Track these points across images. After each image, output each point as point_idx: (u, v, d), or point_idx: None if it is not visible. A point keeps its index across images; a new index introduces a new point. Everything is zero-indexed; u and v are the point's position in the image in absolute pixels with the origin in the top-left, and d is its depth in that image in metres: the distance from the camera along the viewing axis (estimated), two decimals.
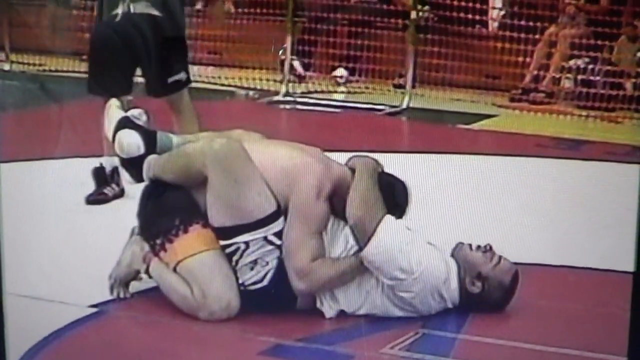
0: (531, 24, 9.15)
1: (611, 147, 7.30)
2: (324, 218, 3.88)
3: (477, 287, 3.92)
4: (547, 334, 3.81)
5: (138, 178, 4.10)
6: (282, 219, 3.86)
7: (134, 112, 4.22)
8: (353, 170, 3.97)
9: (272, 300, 3.88)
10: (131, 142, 4.10)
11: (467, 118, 8.42)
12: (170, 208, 3.97)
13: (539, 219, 4.01)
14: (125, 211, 4.77)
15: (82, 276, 4.18)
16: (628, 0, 9.13)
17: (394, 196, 3.97)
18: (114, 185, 5.37)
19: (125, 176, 4.19)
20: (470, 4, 9.18)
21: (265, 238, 3.84)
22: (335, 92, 9.59)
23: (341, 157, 4.09)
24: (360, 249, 3.81)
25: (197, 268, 3.86)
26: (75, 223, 4.83)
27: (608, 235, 4.62)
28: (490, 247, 3.99)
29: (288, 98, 9.25)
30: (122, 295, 4.04)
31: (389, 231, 3.80)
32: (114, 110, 4.24)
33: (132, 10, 5.19)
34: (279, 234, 3.85)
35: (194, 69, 7.24)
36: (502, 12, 9.63)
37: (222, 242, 3.87)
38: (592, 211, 5.11)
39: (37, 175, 5.50)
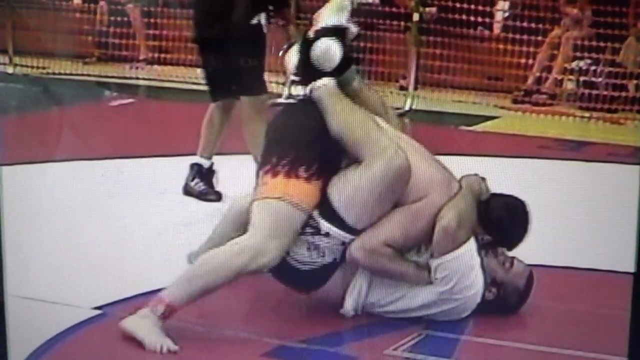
0: (534, 25, 9.16)
1: (613, 149, 7.30)
2: (425, 238, 3.83)
3: (493, 293, 3.90)
4: (549, 334, 3.82)
5: (305, 83, 4.13)
6: None
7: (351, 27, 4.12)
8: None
9: (297, 281, 3.89)
10: (337, 51, 4.00)
11: (470, 120, 8.43)
12: (298, 142, 3.94)
13: (540, 220, 4.01)
14: (128, 211, 4.80)
15: (85, 278, 4.18)
16: (631, 1, 9.13)
17: (508, 220, 3.97)
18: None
19: (294, 78, 4.22)
20: (473, 6, 9.19)
21: (343, 242, 3.82)
22: None
23: None
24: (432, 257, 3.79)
25: (272, 212, 3.78)
26: (78, 225, 4.84)
27: (609, 236, 4.62)
28: (502, 251, 3.97)
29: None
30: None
31: (465, 255, 3.79)
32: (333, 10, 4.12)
33: None
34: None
35: (196, 72, 7.24)
36: (506, 14, 9.63)
37: (317, 219, 3.82)
38: (594, 212, 5.10)
39: (40, 177, 5.51)
